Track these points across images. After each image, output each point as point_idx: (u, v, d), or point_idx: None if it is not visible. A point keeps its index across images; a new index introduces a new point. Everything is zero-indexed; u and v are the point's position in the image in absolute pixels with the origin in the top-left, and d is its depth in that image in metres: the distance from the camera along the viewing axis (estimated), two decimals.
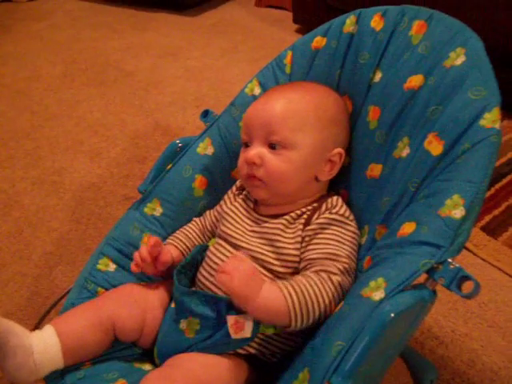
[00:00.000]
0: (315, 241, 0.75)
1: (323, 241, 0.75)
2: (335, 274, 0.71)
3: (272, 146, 0.79)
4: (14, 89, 2.14)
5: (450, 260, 0.62)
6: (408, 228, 0.67)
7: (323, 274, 0.71)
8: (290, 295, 0.68)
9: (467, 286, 0.61)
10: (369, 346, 0.60)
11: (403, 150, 0.75)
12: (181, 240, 0.90)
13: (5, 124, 1.91)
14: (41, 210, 1.49)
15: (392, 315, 0.60)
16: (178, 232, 0.93)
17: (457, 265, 0.62)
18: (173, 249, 0.89)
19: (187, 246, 0.90)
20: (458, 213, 0.63)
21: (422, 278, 0.64)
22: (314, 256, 0.74)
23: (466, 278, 0.61)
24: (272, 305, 0.68)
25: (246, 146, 0.83)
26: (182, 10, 2.88)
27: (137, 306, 0.81)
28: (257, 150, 0.79)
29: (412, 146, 0.74)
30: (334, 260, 0.73)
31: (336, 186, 0.88)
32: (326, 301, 0.69)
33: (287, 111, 0.79)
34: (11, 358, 0.70)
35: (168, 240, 0.91)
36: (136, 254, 0.84)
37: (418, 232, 0.65)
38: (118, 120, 1.90)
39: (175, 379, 0.68)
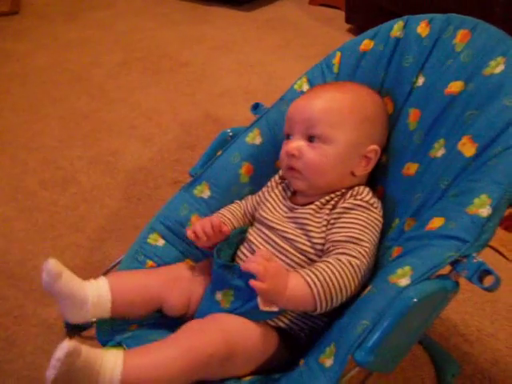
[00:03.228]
0: (339, 224, 0.81)
1: (346, 224, 0.80)
2: (355, 257, 0.77)
3: (311, 139, 0.85)
4: (77, 74, 2.27)
5: (473, 254, 0.67)
6: (437, 222, 0.72)
7: (343, 259, 0.76)
8: (315, 283, 0.74)
9: (488, 280, 0.66)
10: (391, 326, 0.66)
11: (439, 151, 0.80)
12: (228, 218, 0.96)
13: (66, 106, 2.04)
14: (95, 187, 1.60)
15: (415, 300, 0.65)
16: (223, 210, 0.98)
17: (480, 259, 0.66)
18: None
19: (233, 223, 0.96)
20: (485, 211, 0.68)
21: (447, 269, 0.69)
22: (337, 238, 0.80)
23: (488, 272, 0.65)
24: (299, 295, 0.74)
25: (288, 138, 0.89)
26: (238, 4, 2.96)
27: (184, 290, 0.88)
28: (296, 143, 0.86)
29: (447, 147, 0.79)
30: (355, 243, 0.78)
31: (373, 182, 0.93)
32: (347, 285, 0.75)
33: (327, 108, 0.86)
34: (69, 303, 0.80)
35: (216, 217, 0.96)
36: (197, 226, 0.90)
37: (446, 227, 0.70)
38: (170, 108, 1.99)
39: (210, 329, 0.76)
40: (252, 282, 0.72)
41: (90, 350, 0.68)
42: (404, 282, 0.68)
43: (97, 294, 0.81)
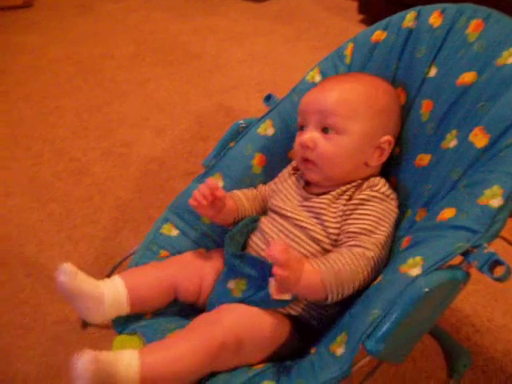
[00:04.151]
0: (354, 216, 0.82)
1: (361, 216, 0.81)
2: (369, 249, 0.78)
3: (325, 131, 0.85)
4: (89, 66, 2.29)
5: (484, 245, 0.67)
6: (448, 213, 0.72)
7: (358, 250, 0.77)
8: (327, 273, 0.75)
9: (499, 271, 0.66)
10: (402, 315, 0.66)
11: (451, 142, 0.80)
12: (238, 196, 0.96)
13: (80, 97, 2.05)
14: (109, 178, 1.62)
15: (426, 290, 0.66)
16: (234, 190, 0.98)
17: (491, 250, 0.66)
18: (227, 197, 0.92)
19: (242, 201, 0.95)
20: (496, 202, 0.68)
21: (458, 259, 0.69)
22: (352, 230, 0.80)
23: (499, 262, 0.66)
24: (312, 284, 0.75)
25: (302, 129, 0.90)
26: None
27: (196, 273, 0.90)
28: (310, 134, 0.86)
29: (459, 138, 0.79)
30: (369, 236, 0.79)
31: (386, 173, 0.93)
32: (360, 276, 0.76)
33: (341, 99, 0.85)
34: (86, 304, 0.81)
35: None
36: (195, 192, 0.88)
37: (457, 217, 0.70)
38: (183, 99, 2.00)
39: (221, 321, 0.77)
40: (274, 270, 0.71)
41: (105, 355, 0.68)
42: (415, 272, 0.69)
43: (113, 293, 0.83)
